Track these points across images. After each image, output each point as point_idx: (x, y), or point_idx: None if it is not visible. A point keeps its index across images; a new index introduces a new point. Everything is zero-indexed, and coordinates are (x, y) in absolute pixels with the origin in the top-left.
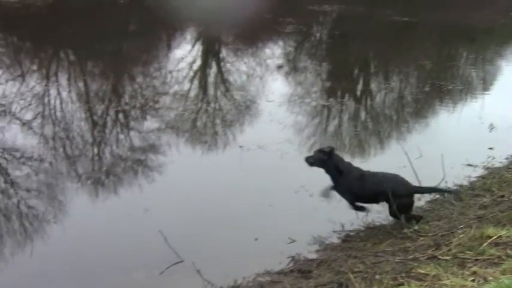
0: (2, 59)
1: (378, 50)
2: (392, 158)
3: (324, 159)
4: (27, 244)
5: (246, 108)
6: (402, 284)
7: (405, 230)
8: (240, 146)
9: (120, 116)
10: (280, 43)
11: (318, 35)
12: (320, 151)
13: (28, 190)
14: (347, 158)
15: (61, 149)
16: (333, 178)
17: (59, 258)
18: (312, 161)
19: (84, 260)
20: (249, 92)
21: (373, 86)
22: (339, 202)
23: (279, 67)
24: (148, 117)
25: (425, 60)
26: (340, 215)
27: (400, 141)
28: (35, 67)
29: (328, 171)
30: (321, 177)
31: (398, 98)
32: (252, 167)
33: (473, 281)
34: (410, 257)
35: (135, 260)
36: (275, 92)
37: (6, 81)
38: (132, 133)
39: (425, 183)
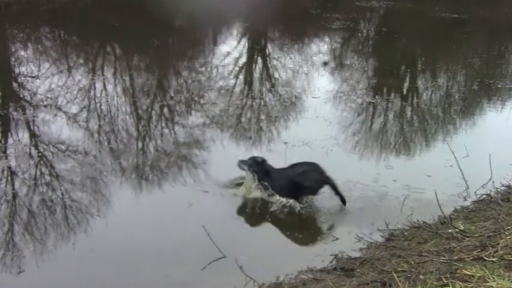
0: (49, 52)
1: (425, 47)
2: (439, 157)
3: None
4: (71, 237)
5: (291, 105)
6: (447, 285)
7: (451, 230)
8: (285, 142)
9: (165, 110)
10: (327, 39)
11: (364, 31)
12: (253, 159)
13: (72, 183)
14: (392, 156)
15: (106, 143)
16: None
17: (100, 252)
18: (243, 167)
19: (125, 255)
20: (295, 88)
21: (420, 83)
22: (382, 201)
23: (325, 63)
24: (193, 112)
25: (474, 58)
26: (384, 214)
27: (446, 140)
28: (81, 61)
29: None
30: (366, 176)
31: (446, 96)
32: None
33: None
34: (455, 257)
35: (177, 255)
36: (321, 89)
37: (53, 75)
38: (176, 128)
39: (472, 183)
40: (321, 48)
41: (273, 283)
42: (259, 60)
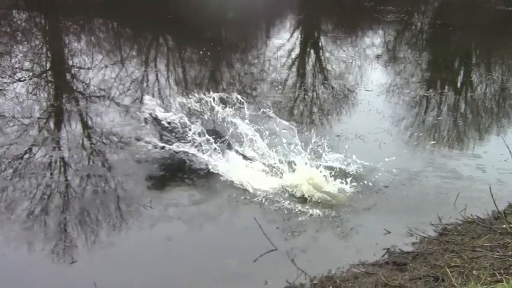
0: (103, 44)
1: (480, 40)
2: (493, 151)
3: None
4: (123, 228)
5: (344, 97)
6: (501, 281)
7: (505, 226)
8: (338, 135)
9: (217, 103)
10: (380, 32)
11: (418, 24)
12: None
13: (126, 174)
14: (445, 150)
15: (158, 135)
16: None
17: (152, 243)
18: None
19: (177, 246)
20: (347, 81)
21: (475, 77)
22: (435, 195)
23: (378, 56)
24: (245, 104)
25: None
26: (438, 208)
27: (501, 135)
28: (134, 53)
29: None
30: (419, 169)
31: (501, 90)
32: (349, 157)
33: None
34: (510, 253)
35: (229, 247)
36: (374, 82)
37: (106, 66)
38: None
39: None
40: (374, 41)
41: (325, 276)
42: (312, 52)
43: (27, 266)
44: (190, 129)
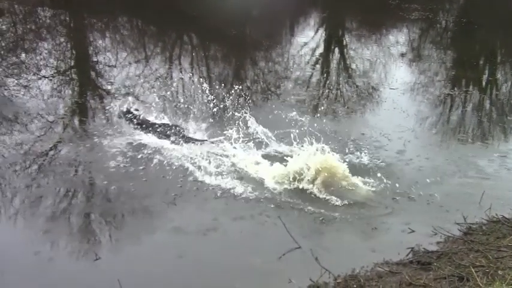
0: (127, 41)
1: (506, 39)
2: None
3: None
4: (147, 225)
5: (368, 96)
6: None
7: None
8: (362, 134)
9: (242, 100)
10: (405, 30)
11: (443, 22)
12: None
13: (150, 172)
14: (470, 149)
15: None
16: None
17: (176, 240)
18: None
19: (201, 243)
20: (372, 79)
21: (500, 75)
22: (460, 194)
23: (403, 54)
24: (269, 102)
25: None
26: (462, 207)
27: None
28: (158, 50)
29: None
30: (443, 168)
31: None
32: (373, 155)
33: None
34: None
35: (253, 245)
36: (398, 80)
37: (130, 64)
38: (252, 118)
39: None
40: (398, 39)
41: (349, 275)
42: (336, 50)
43: (51, 262)
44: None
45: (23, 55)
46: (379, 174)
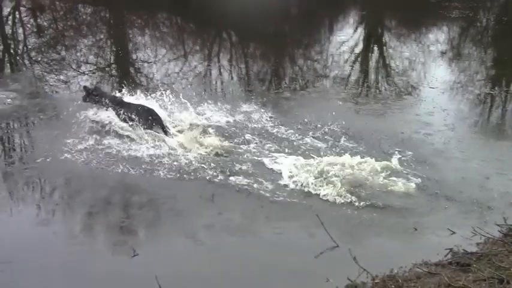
0: (166, 39)
1: None
2: None
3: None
4: (185, 221)
5: (407, 94)
6: None
7: None
8: (402, 132)
9: (281, 98)
10: (445, 28)
11: (484, 20)
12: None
13: (192, 169)
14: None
15: (219, 130)
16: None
17: (213, 238)
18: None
19: (238, 242)
20: (411, 78)
21: None
22: (501, 195)
23: (443, 53)
24: (307, 100)
25: None
26: (503, 208)
27: None
28: (197, 47)
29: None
30: (484, 168)
31: None
32: (413, 154)
33: None
34: None
35: (290, 243)
36: (438, 79)
37: (169, 61)
38: (290, 116)
39: None
40: (438, 37)
41: (387, 275)
42: (376, 49)
43: (89, 258)
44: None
45: (63, 51)
46: (418, 174)
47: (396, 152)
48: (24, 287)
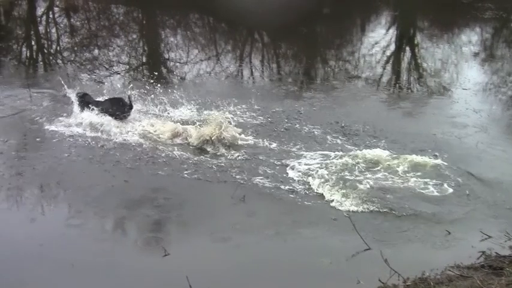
0: (198, 39)
1: None
2: None
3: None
4: (216, 222)
5: (439, 96)
6: None
7: None
8: (434, 134)
9: (313, 98)
10: (477, 29)
11: None
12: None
13: (220, 170)
14: None
15: (250, 129)
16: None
17: (244, 239)
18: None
19: (269, 243)
20: (443, 79)
21: None
22: None
23: (475, 54)
24: (339, 101)
25: None
26: None
27: None
28: (229, 47)
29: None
30: None
31: None
32: (445, 156)
33: None
34: None
35: (321, 245)
36: (471, 80)
37: (201, 61)
38: (321, 116)
39: None
40: (471, 38)
41: (418, 278)
42: (408, 50)
43: (121, 257)
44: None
45: (96, 51)
46: (451, 176)
47: (428, 154)
48: (54, 286)
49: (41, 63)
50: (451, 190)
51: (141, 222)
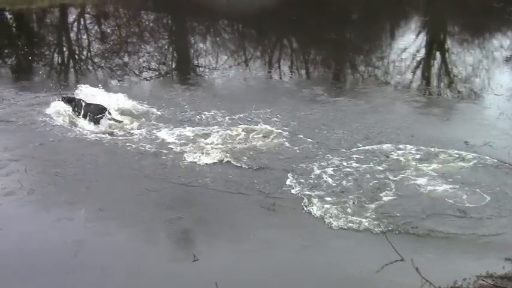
0: (228, 45)
1: None
2: None
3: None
4: (246, 228)
5: (471, 102)
6: None
7: None
8: (465, 142)
9: (342, 104)
10: (509, 34)
11: None
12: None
13: (250, 176)
14: None
15: (279, 130)
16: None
17: (274, 247)
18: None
19: (299, 252)
20: (475, 84)
21: None
22: None
23: (507, 59)
24: (368, 106)
25: None
26: None
27: None
28: (258, 53)
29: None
30: None
31: None
32: (477, 165)
33: None
34: None
35: (352, 255)
36: (503, 86)
37: (230, 67)
38: (350, 122)
39: None
40: (503, 43)
41: (450, 287)
42: (438, 55)
43: (151, 260)
44: None
45: (126, 57)
46: (484, 184)
47: (460, 162)
48: None
49: (72, 69)
50: (486, 198)
51: (170, 228)
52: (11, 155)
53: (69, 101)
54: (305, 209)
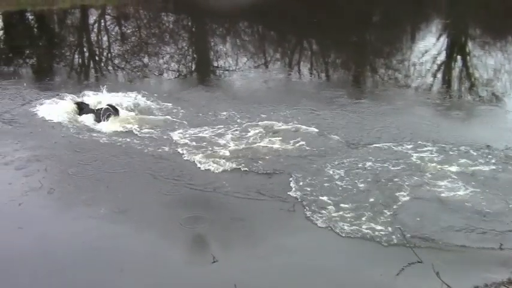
0: (247, 47)
1: None
2: None
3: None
4: (266, 230)
5: (492, 106)
6: None
7: None
8: (488, 146)
9: (358, 106)
10: None
11: None
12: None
13: (268, 176)
14: None
15: (299, 132)
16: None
17: (294, 249)
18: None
19: (318, 254)
20: (496, 88)
21: None
22: None
23: None
24: (387, 109)
25: None
26: None
27: None
28: (278, 55)
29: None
30: None
31: None
32: (499, 169)
33: None
34: None
35: (372, 257)
36: None
37: (250, 69)
38: (368, 124)
39: None
40: None
41: None
42: (459, 58)
43: (169, 262)
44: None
45: (146, 58)
46: (506, 188)
47: (481, 166)
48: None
49: (92, 70)
50: (509, 203)
51: (189, 230)
52: (32, 155)
53: (82, 106)
54: (323, 212)
